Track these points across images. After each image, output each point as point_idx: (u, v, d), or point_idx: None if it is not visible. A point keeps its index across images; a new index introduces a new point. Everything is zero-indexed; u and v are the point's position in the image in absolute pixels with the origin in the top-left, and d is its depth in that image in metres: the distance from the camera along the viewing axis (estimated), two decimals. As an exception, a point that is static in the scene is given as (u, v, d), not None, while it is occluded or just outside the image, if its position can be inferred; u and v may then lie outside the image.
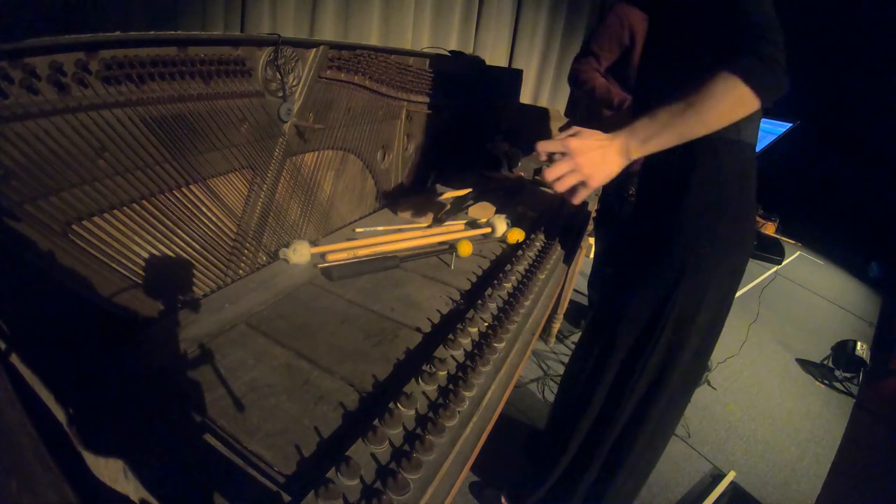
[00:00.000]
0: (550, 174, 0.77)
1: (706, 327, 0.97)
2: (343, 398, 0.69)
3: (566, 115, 2.32)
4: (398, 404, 0.63)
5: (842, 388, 2.47)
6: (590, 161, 0.76)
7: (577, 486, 1.15)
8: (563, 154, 0.77)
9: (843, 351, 2.52)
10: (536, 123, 2.28)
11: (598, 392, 1.07)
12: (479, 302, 0.91)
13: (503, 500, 1.40)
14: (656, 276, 0.95)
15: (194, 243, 0.85)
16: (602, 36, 1.61)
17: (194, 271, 0.87)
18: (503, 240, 1.30)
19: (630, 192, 1.89)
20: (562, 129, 1.37)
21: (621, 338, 1.01)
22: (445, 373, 0.72)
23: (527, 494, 1.28)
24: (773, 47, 0.70)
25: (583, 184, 0.78)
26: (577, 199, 0.81)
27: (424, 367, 0.71)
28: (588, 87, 1.60)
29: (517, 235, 1.28)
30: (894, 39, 4.22)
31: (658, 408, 1.01)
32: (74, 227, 0.65)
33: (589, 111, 1.45)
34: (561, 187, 0.78)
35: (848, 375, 2.50)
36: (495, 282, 0.98)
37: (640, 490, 1.21)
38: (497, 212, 1.40)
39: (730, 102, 0.70)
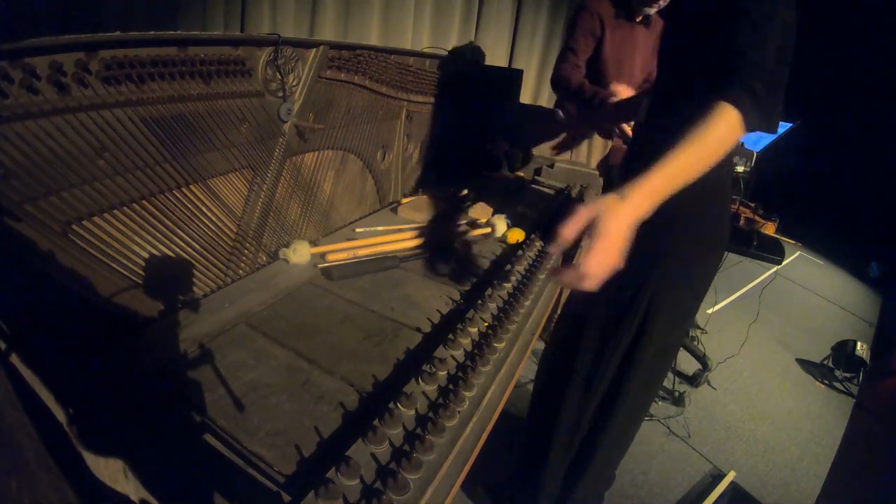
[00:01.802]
0: (590, 265, 0.65)
1: (679, 310, 0.98)
2: (343, 398, 0.69)
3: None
4: (398, 404, 0.63)
5: (842, 388, 2.47)
6: (617, 232, 0.66)
7: (558, 466, 1.16)
8: (591, 235, 0.66)
9: (843, 351, 2.52)
10: (536, 123, 2.28)
11: (570, 375, 1.10)
12: (479, 302, 0.91)
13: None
14: (632, 260, 0.97)
15: (194, 243, 0.85)
16: (577, 32, 1.72)
17: (194, 271, 0.87)
18: (503, 240, 1.30)
19: None
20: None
21: (594, 320, 1.02)
22: (445, 373, 0.72)
23: (509, 485, 1.29)
24: (759, 79, 0.69)
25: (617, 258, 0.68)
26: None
27: (424, 367, 0.71)
28: (564, 84, 1.70)
29: (517, 235, 1.28)
30: (894, 39, 4.22)
31: (630, 391, 1.03)
32: (74, 227, 0.65)
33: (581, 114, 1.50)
34: (599, 271, 0.66)
35: (848, 375, 2.50)
36: (495, 282, 0.98)
37: (618, 464, 1.26)
38: (497, 212, 1.40)
39: (724, 132, 0.69)
